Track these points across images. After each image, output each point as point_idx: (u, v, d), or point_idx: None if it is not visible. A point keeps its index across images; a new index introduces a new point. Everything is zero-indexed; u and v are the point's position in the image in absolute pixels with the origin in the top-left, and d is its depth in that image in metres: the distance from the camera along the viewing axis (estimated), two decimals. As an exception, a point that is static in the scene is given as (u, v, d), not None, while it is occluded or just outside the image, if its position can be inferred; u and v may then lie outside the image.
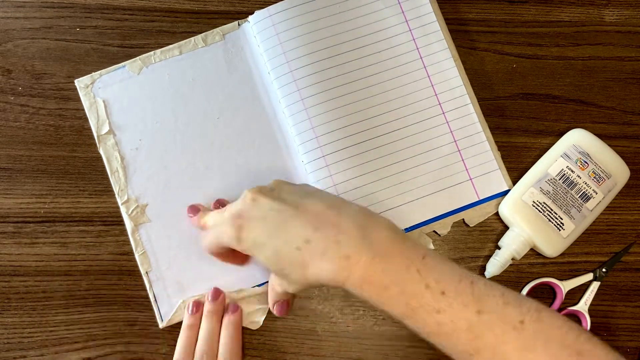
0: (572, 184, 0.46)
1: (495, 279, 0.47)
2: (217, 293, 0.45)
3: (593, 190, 0.46)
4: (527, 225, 0.46)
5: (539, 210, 0.45)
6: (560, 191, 0.46)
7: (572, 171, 0.46)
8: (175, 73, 0.49)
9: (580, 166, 0.46)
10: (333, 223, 0.35)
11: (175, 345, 0.46)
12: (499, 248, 0.47)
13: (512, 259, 0.46)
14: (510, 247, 0.46)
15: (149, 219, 0.47)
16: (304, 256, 0.35)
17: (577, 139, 0.47)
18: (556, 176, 0.46)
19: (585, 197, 0.46)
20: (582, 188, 0.46)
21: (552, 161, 0.47)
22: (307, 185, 0.42)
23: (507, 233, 0.47)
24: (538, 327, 0.32)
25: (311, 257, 0.35)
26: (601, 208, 0.47)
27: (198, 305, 0.45)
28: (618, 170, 0.47)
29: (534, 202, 0.46)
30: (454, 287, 0.33)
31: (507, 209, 0.47)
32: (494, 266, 0.46)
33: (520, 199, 0.46)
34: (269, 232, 0.37)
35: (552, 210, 0.45)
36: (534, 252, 0.48)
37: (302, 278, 0.36)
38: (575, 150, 0.47)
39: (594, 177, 0.46)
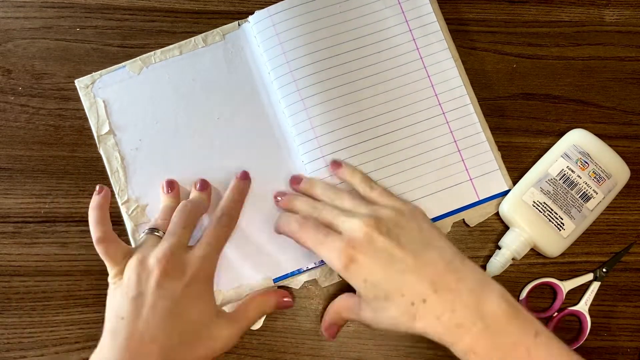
0: (572, 184, 0.46)
1: (496, 279, 0.47)
2: (205, 184, 0.46)
3: (593, 190, 0.46)
4: (528, 225, 0.46)
5: (539, 210, 0.45)
6: (560, 191, 0.46)
7: (572, 171, 0.46)
8: (175, 73, 0.49)
9: (581, 166, 0.46)
10: (451, 288, 0.36)
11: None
12: (499, 248, 0.47)
13: (513, 259, 0.46)
14: (510, 247, 0.46)
15: (149, 219, 0.47)
16: (417, 311, 0.36)
17: (577, 139, 0.47)
18: (556, 176, 0.46)
19: (586, 197, 0.46)
20: (583, 188, 0.46)
21: (553, 161, 0.47)
22: (419, 216, 0.41)
23: (508, 233, 0.47)
24: None
25: (424, 315, 0.36)
26: (601, 208, 0.47)
27: (172, 184, 0.46)
28: (618, 171, 0.47)
29: (534, 202, 0.46)
30: None
31: (507, 209, 0.47)
32: (494, 266, 0.46)
33: (521, 199, 0.46)
34: (385, 277, 0.37)
35: (552, 210, 0.45)
36: (534, 252, 0.48)
37: (403, 326, 0.36)
38: (576, 150, 0.47)
39: (595, 177, 0.46)
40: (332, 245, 0.38)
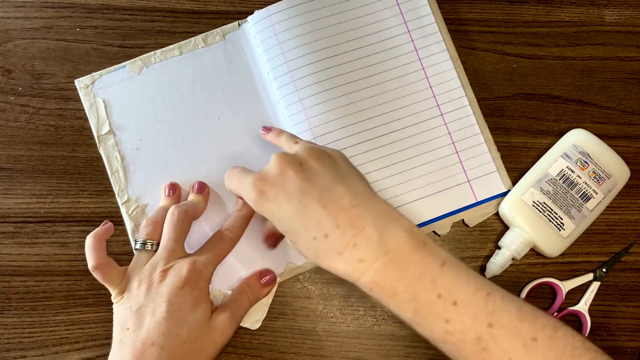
0: (572, 184, 0.46)
1: (496, 279, 0.47)
2: (202, 187, 0.47)
3: (593, 190, 0.46)
4: (527, 225, 0.46)
5: (539, 210, 0.45)
6: (560, 191, 0.46)
7: (572, 171, 0.46)
8: (175, 73, 0.49)
9: (581, 166, 0.46)
10: (354, 224, 0.35)
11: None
12: (499, 248, 0.47)
13: (512, 259, 0.46)
14: (510, 247, 0.46)
15: (149, 219, 0.47)
16: (319, 247, 0.35)
17: (577, 138, 0.47)
18: (556, 176, 0.46)
19: (586, 197, 0.46)
20: (583, 188, 0.46)
21: (552, 161, 0.47)
22: (339, 159, 0.39)
23: (507, 233, 0.47)
24: (551, 346, 0.32)
25: (326, 251, 0.35)
26: (601, 208, 0.47)
27: (174, 187, 0.46)
28: (618, 171, 0.47)
29: (534, 202, 0.46)
30: (467, 297, 0.33)
31: (507, 209, 0.47)
32: (494, 266, 0.46)
33: (521, 199, 0.46)
34: (289, 211, 0.36)
35: (552, 210, 0.45)
36: (534, 252, 0.48)
37: (312, 260, 0.36)
38: (576, 151, 0.47)
39: (594, 177, 0.46)
40: (247, 182, 0.38)
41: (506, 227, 0.48)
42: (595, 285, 0.47)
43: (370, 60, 0.49)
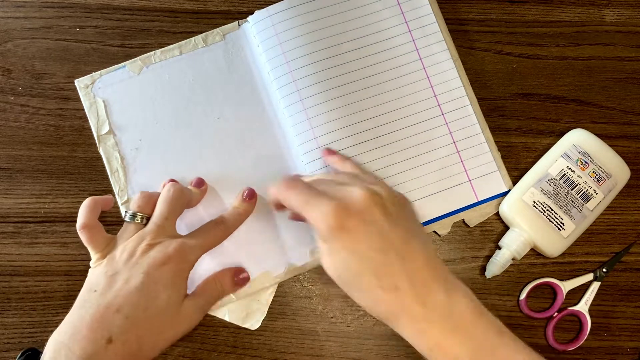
0: (572, 184, 0.46)
1: (496, 279, 0.47)
2: (200, 182, 0.46)
3: (593, 190, 0.46)
4: (528, 226, 0.46)
5: (540, 210, 0.45)
6: (560, 191, 0.46)
7: (572, 171, 0.46)
8: (175, 73, 0.49)
9: (581, 166, 0.46)
10: (426, 284, 0.34)
11: (174, 345, 0.46)
12: (499, 248, 0.47)
13: (513, 259, 0.46)
14: (510, 247, 0.46)
15: (149, 219, 0.47)
16: (385, 298, 0.34)
17: (577, 139, 0.47)
18: (557, 176, 0.46)
19: (586, 197, 0.46)
20: (583, 188, 0.46)
21: (553, 161, 0.47)
22: (411, 208, 0.39)
23: (508, 233, 0.47)
24: None
25: (391, 303, 0.34)
26: (602, 208, 0.47)
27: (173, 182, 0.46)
28: (618, 170, 0.47)
29: (534, 202, 0.46)
30: None
31: (507, 209, 0.47)
32: (494, 266, 0.46)
33: (521, 199, 0.46)
34: (364, 252, 0.34)
35: (552, 210, 0.45)
36: (534, 252, 0.48)
37: (368, 307, 0.35)
38: (576, 150, 0.47)
39: (595, 177, 0.46)
40: (324, 206, 0.35)
41: (506, 227, 0.48)
42: (596, 285, 0.47)
43: (371, 60, 0.49)
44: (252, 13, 0.50)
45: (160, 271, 0.38)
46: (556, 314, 0.47)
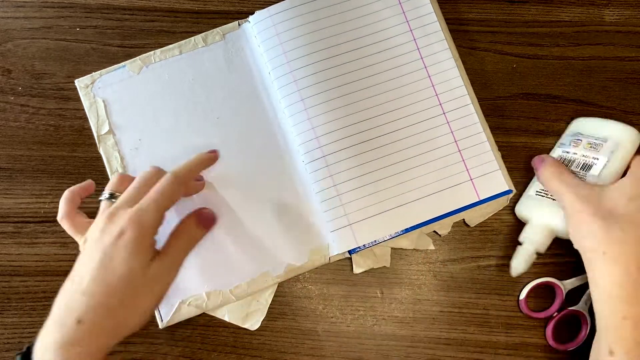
0: (570, 162, 0.46)
1: (495, 279, 0.47)
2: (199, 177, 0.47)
3: (593, 157, 0.45)
4: (543, 213, 0.45)
5: (543, 195, 0.46)
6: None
7: (567, 152, 0.46)
8: (175, 73, 0.49)
9: (574, 145, 0.46)
10: None
11: (174, 346, 0.46)
12: (520, 244, 0.46)
13: (537, 253, 0.45)
14: (533, 240, 0.45)
15: (149, 219, 0.47)
16: (631, 286, 0.37)
17: (572, 127, 0.48)
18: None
19: (587, 167, 0.45)
20: (581, 161, 0.45)
21: (551, 154, 0.48)
22: None
23: (526, 228, 0.46)
24: None
25: (630, 293, 0.37)
26: (612, 169, 0.44)
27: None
28: (615, 132, 0.45)
29: (537, 191, 0.46)
30: None
31: (521, 209, 0.47)
32: (519, 264, 0.45)
33: (527, 194, 0.47)
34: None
35: None
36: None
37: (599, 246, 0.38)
38: (569, 136, 0.47)
39: (591, 147, 0.45)
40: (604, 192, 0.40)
41: (504, 227, 0.48)
42: (596, 285, 0.47)
43: (372, 60, 0.49)
44: (252, 13, 0.50)
45: (116, 246, 0.38)
46: (556, 313, 0.47)
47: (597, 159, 0.45)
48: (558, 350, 0.46)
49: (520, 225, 0.47)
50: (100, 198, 0.42)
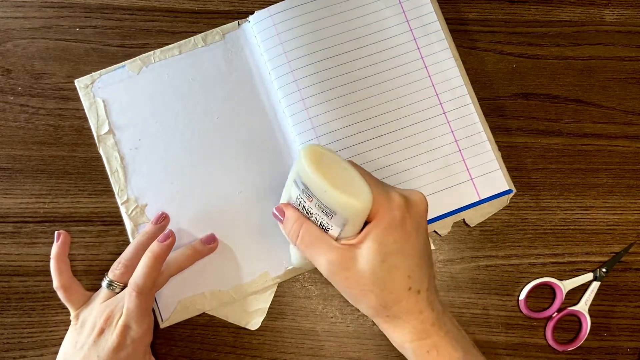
0: (309, 214, 0.38)
1: (495, 279, 0.47)
2: (160, 218, 0.46)
3: (327, 223, 0.37)
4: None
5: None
6: (306, 215, 0.39)
7: (304, 200, 0.38)
8: (174, 73, 0.49)
9: (308, 198, 0.37)
10: (435, 290, 0.38)
11: (174, 346, 0.46)
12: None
13: None
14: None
15: (149, 219, 0.47)
16: (409, 296, 0.36)
17: (300, 167, 0.37)
18: (296, 201, 0.39)
19: (325, 229, 0.38)
20: (318, 219, 0.38)
21: (290, 184, 0.39)
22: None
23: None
24: None
25: (415, 301, 0.36)
26: (347, 235, 0.37)
27: (163, 217, 0.46)
28: (340, 209, 0.36)
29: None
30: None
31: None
32: (295, 258, 0.43)
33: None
34: (414, 247, 0.37)
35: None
36: (533, 253, 0.48)
37: (381, 304, 0.36)
38: (299, 180, 0.37)
39: (322, 211, 0.37)
40: (396, 196, 0.37)
41: (506, 227, 0.48)
42: (595, 285, 0.47)
43: (372, 59, 0.49)
44: (251, 13, 0.50)
45: (115, 356, 0.41)
46: (556, 313, 0.47)
47: (331, 227, 0.37)
48: (558, 350, 0.46)
49: (521, 225, 0.48)
50: (102, 283, 0.44)
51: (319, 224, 0.37)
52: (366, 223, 0.37)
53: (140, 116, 0.49)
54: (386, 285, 0.36)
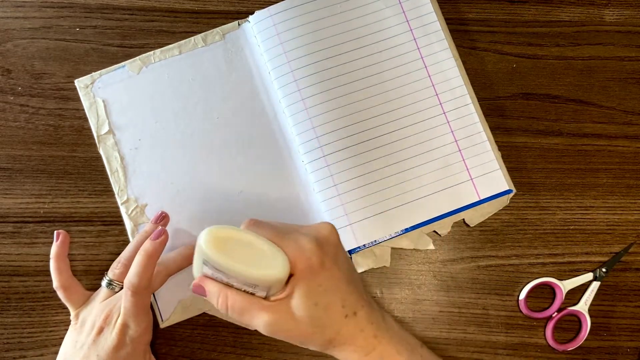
0: (230, 283, 0.36)
1: (495, 279, 0.47)
2: (160, 217, 0.46)
3: (252, 290, 0.36)
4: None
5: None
6: (226, 283, 0.37)
7: (222, 276, 0.36)
8: (174, 73, 0.49)
9: (225, 277, 0.35)
10: (369, 303, 0.38)
11: (174, 346, 0.46)
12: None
13: None
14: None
15: (149, 219, 0.47)
16: (346, 323, 0.37)
17: (206, 251, 0.34)
18: (212, 275, 0.36)
19: (251, 292, 0.36)
20: (242, 287, 0.36)
21: (200, 263, 0.36)
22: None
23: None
24: None
25: (355, 323, 0.37)
26: (275, 292, 0.36)
27: (163, 217, 0.46)
28: (261, 279, 0.34)
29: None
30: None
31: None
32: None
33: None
34: (336, 289, 0.37)
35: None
36: (533, 253, 0.48)
37: (327, 338, 0.37)
38: (210, 264, 0.35)
39: (245, 285, 0.36)
40: (303, 240, 0.36)
41: (505, 227, 0.48)
42: (595, 285, 0.47)
43: (372, 60, 0.49)
44: (251, 13, 0.50)
45: (115, 355, 0.41)
46: (556, 313, 0.47)
47: (257, 292, 0.36)
48: (558, 350, 0.46)
49: (521, 225, 0.48)
50: (102, 283, 0.45)
51: (243, 290, 0.36)
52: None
53: (140, 116, 0.49)
54: (325, 324, 0.36)
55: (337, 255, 0.37)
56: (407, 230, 0.47)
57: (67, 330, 0.44)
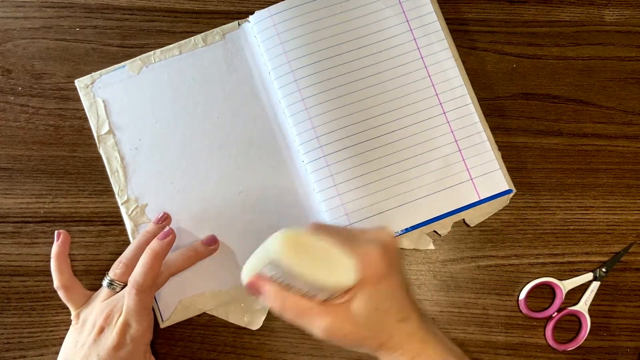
0: (290, 285, 0.36)
1: (495, 279, 0.47)
2: (162, 218, 0.46)
3: (314, 294, 0.36)
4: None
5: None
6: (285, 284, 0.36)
7: (285, 280, 0.36)
8: (175, 73, 0.49)
9: (289, 280, 0.35)
10: (419, 308, 0.38)
11: (174, 346, 0.46)
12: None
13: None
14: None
15: (149, 219, 0.47)
16: (400, 328, 0.37)
17: (273, 255, 0.34)
18: (272, 276, 0.36)
19: (311, 296, 0.36)
20: (303, 289, 0.36)
21: (261, 262, 0.36)
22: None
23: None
24: None
25: (403, 331, 0.37)
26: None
27: (164, 218, 0.46)
28: (332, 285, 0.34)
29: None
30: None
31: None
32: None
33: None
34: (394, 295, 0.37)
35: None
36: (533, 253, 0.48)
37: (378, 342, 0.37)
38: (277, 265, 0.34)
39: (308, 287, 0.35)
40: (371, 248, 0.37)
41: (505, 227, 0.48)
42: (595, 285, 0.47)
43: (372, 60, 0.49)
44: (251, 13, 0.50)
45: (114, 355, 0.41)
46: (556, 313, 0.47)
47: (318, 295, 0.36)
48: (557, 350, 0.46)
49: (521, 225, 0.48)
50: (103, 283, 0.45)
51: (303, 292, 0.36)
52: None
53: (140, 116, 0.49)
54: (381, 328, 0.36)
55: (398, 262, 0.39)
56: (407, 230, 0.47)
57: (67, 330, 0.44)
